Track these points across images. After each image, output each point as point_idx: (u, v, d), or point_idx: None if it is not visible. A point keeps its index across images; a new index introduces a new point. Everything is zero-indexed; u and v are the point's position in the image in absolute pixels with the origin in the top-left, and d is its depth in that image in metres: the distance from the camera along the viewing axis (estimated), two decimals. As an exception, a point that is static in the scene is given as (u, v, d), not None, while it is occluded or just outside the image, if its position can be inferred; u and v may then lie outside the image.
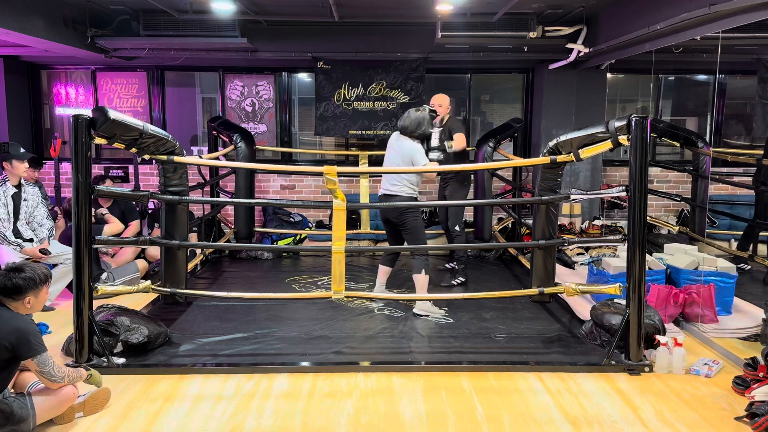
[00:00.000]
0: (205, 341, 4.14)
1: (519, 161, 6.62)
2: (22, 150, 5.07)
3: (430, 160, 4.57)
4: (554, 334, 4.33)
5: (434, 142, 4.65)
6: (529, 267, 5.11)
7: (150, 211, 6.54)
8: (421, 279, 4.61)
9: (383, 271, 4.94)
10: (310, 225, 7.53)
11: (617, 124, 3.72)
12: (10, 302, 2.96)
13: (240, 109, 7.69)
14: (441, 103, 5.43)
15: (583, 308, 4.77)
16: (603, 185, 7.52)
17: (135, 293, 4.11)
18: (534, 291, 4.49)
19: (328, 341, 4.17)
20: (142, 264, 5.68)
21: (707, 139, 6.86)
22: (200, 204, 6.49)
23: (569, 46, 6.33)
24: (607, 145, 3.85)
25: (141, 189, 6.45)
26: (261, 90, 7.67)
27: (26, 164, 4.96)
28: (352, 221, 7.09)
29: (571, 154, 4.11)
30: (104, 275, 5.29)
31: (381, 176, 7.16)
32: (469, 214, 7.70)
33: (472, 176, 6.35)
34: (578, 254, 6.54)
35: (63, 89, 7.70)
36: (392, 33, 6.92)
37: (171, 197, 4.50)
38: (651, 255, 5.08)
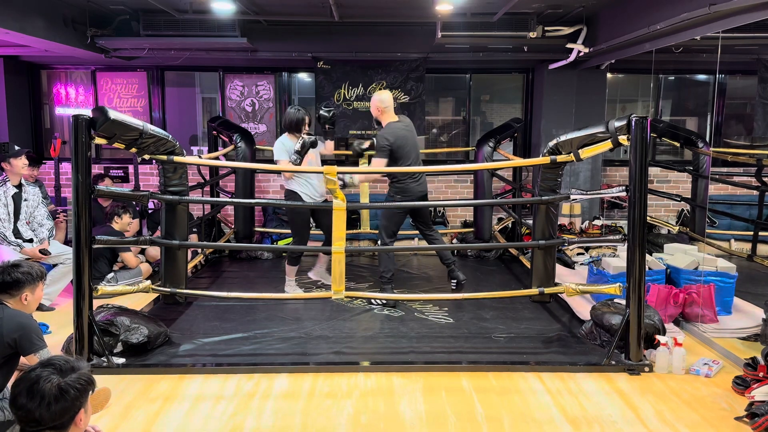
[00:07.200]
0: (205, 341, 4.14)
1: (519, 161, 6.62)
2: (18, 148, 5.08)
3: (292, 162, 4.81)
4: (554, 334, 4.33)
5: (296, 146, 4.83)
6: (529, 267, 5.11)
7: (150, 211, 6.54)
8: (288, 268, 5.29)
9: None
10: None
11: (617, 124, 3.72)
12: (8, 299, 2.98)
13: (240, 109, 7.68)
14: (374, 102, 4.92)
15: (583, 308, 4.77)
16: (603, 185, 7.52)
17: (135, 293, 4.12)
18: (534, 291, 4.50)
19: (328, 341, 4.17)
20: (145, 267, 5.69)
21: (707, 139, 6.86)
22: (200, 204, 6.48)
23: (569, 46, 6.33)
24: (607, 145, 3.85)
25: (141, 189, 6.45)
26: (261, 90, 7.67)
27: (23, 160, 4.95)
28: (352, 221, 7.09)
29: (571, 154, 4.11)
30: (110, 275, 5.31)
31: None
32: (468, 214, 7.72)
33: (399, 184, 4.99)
34: (578, 254, 6.54)
35: (63, 89, 7.70)
36: (392, 33, 6.92)
37: (171, 197, 4.50)
38: (651, 255, 5.08)
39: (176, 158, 4.21)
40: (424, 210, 5.16)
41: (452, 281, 5.18)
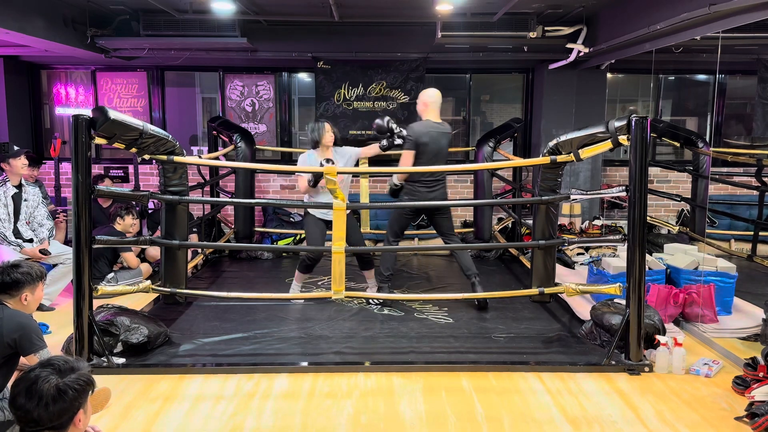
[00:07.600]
0: (205, 341, 4.14)
1: (519, 161, 6.62)
2: (17, 148, 5.09)
3: None
4: (554, 334, 4.33)
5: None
6: (529, 267, 5.11)
7: (150, 211, 6.54)
8: (297, 274, 5.06)
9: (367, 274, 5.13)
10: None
11: (617, 124, 3.72)
12: (8, 299, 2.98)
13: (240, 109, 7.69)
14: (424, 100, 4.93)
15: (583, 308, 4.77)
16: (603, 185, 7.52)
17: (135, 293, 4.12)
18: (534, 291, 4.49)
19: (328, 341, 4.17)
20: (145, 267, 5.69)
21: (707, 139, 6.86)
22: (200, 204, 6.49)
23: (569, 46, 6.33)
24: (607, 145, 3.85)
25: (141, 189, 6.45)
26: (261, 90, 7.67)
27: (23, 160, 4.95)
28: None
29: (571, 154, 4.11)
30: (110, 275, 5.30)
31: (382, 176, 7.21)
32: (468, 214, 7.72)
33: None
34: (578, 254, 6.53)
35: (63, 89, 7.70)
36: (392, 33, 6.92)
37: (171, 197, 4.50)
38: (651, 255, 5.08)
39: (176, 158, 4.21)
40: (437, 217, 4.96)
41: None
